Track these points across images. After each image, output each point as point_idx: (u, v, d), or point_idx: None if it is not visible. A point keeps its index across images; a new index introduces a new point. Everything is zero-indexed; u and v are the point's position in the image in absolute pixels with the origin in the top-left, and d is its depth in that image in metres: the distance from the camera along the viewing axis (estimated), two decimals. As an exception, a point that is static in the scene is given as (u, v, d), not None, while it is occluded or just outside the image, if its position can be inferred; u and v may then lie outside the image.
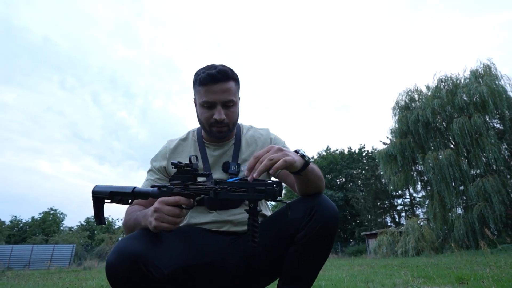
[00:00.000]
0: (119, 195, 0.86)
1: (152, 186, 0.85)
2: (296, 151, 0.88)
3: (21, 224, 36.37)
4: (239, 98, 1.19)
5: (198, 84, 1.12)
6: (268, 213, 1.25)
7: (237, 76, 1.16)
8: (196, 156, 0.91)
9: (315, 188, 0.98)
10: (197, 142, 1.22)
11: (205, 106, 1.10)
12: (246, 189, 0.77)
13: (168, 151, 1.22)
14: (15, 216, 36.41)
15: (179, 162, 0.88)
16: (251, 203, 0.80)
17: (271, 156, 0.78)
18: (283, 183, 0.97)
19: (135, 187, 0.87)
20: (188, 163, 0.87)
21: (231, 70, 1.13)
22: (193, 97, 1.19)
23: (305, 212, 0.95)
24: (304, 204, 0.97)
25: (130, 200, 0.87)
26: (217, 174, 1.16)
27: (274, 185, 0.75)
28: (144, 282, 0.84)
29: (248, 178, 0.78)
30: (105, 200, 0.88)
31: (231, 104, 1.11)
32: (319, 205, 0.95)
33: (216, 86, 1.07)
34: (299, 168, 0.85)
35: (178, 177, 0.88)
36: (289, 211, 0.82)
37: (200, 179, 0.98)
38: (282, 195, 0.77)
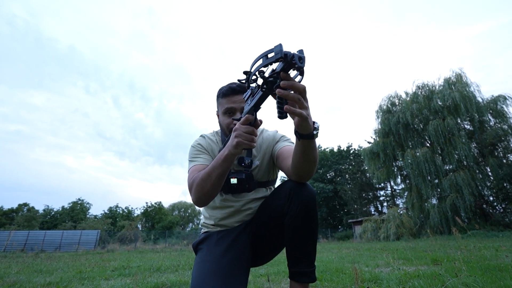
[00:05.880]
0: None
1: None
2: (313, 122, 0.80)
3: (53, 213, 36.34)
4: None
5: (221, 96, 1.16)
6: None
7: None
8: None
9: (308, 166, 0.87)
10: (220, 139, 1.24)
11: (226, 113, 1.13)
12: None
13: (202, 140, 1.24)
14: (48, 205, 36.43)
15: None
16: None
17: (303, 104, 0.71)
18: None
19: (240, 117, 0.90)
20: None
21: None
22: (216, 110, 1.23)
23: (285, 197, 0.96)
24: (283, 189, 0.98)
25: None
26: (233, 166, 1.17)
27: None
28: None
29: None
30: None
31: None
32: (295, 189, 0.94)
33: (235, 97, 1.12)
34: (306, 133, 0.77)
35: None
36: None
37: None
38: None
